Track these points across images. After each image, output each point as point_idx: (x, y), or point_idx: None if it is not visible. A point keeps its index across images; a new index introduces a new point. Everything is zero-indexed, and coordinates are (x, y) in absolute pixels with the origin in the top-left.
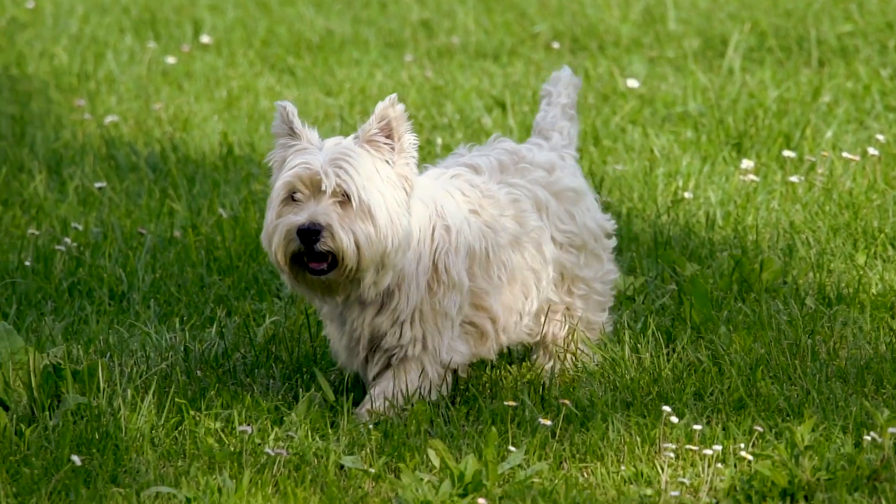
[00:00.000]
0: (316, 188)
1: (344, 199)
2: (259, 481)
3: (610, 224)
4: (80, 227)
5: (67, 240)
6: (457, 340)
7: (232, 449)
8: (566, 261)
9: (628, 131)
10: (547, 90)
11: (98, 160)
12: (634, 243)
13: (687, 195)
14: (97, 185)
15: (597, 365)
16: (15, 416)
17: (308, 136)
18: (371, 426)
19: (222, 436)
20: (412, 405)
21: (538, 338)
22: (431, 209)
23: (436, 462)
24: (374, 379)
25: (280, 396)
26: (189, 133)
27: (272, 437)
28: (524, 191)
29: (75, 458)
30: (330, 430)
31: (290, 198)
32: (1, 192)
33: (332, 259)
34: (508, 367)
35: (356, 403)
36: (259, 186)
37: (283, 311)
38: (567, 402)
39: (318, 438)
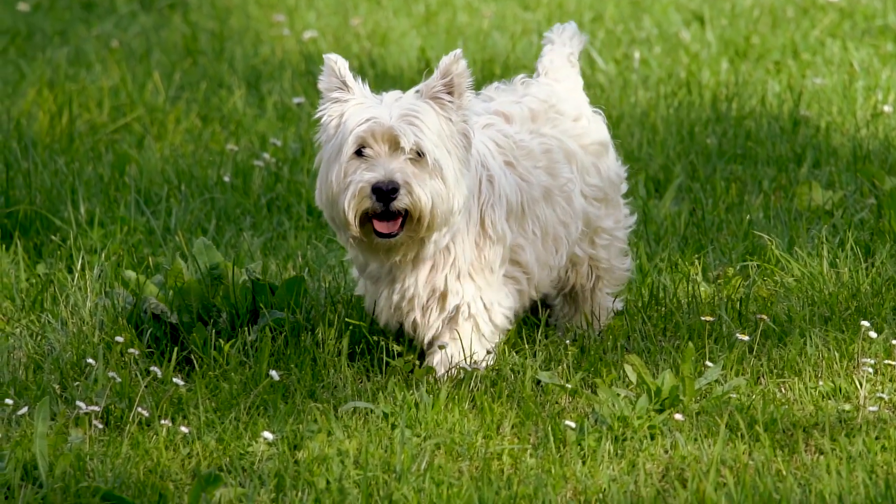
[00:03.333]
0: (390, 144)
1: (416, 157)
2: (456, 396)
3: (623, 171)
4: (279, 143)
5: (266, 155)
6: (500, 294)
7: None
8: (591, 213)
9: (827, 45)
10: (549, 38)
11: (296, 76)
12: (833, 157)
13: (886, 109)
14: (295, 100)
15: (617, 311)
16: (214, 330)
17: (362, 89)
18: (568, 342)
19: None
20: (476, 366)
21: (563, 289)
22: (476, 160)
23: (632, 377)
24: (431, 340)
25: None
26: (387, 48)
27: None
28: (555, 142)
29: (273, 374)
30: (526, 346)
31: (357, 154)
32: (201, 107)
33: (402, 221)
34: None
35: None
36: None
37: None
38: (765, 317)
39: (514, 354)
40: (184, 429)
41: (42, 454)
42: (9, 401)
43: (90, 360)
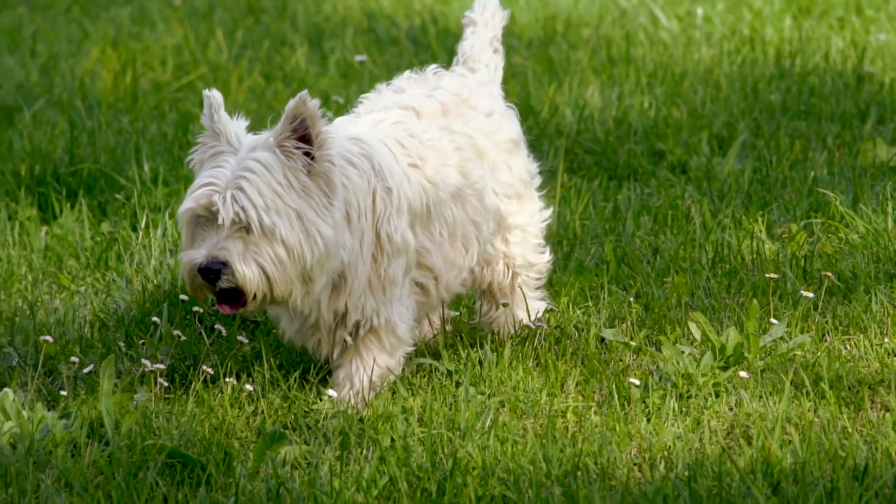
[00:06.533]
0: (216, 215)
1: (247, 224)
2: (520, 354)
3: (534, 167)
4: (342, 101)
5: (330, 113)
6: (401, 307)
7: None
8: (503, 210)
9: (892, 0)
10: (471, 18)
11: (359, 33)
12: None
13: None
14: (357, 58)
15: (548, 311)
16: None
17: (229, 134)
18: (631, 299)
19: None
20: (379, 384)
21: (480, 287)
22: (369, 173)
23: (697, 335)
24: (337, 359)
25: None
26: (449, 6)
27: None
28: (466, 139)
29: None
30: (591, 303)
31: (198, 218)
32: (264, 65)
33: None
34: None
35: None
36: (519, 60)
37: (544, 185)
38: (829, 273)
39: (578, 311)
40: (248, 387)
41: (108, 412)
42: (74, 359)
43: (155, 319)
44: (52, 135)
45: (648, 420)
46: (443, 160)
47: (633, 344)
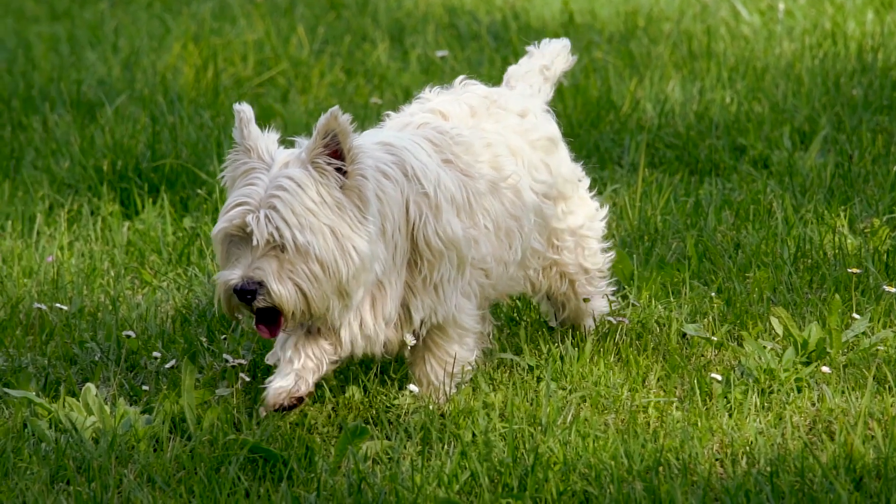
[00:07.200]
0: (251, 235)
1: (282, 243)
2: (601, 349)
3: (578, 168)
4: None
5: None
6: (459, 297)
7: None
8: (546, 212)
9: None
10: (531, 51)
11: (440, 29)
12: None
13: None
14: (439, 53)
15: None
16: None
17: (260, 149)
18: (713, 294)
19: None
20: (458, 379)
21: (548, 294)
22: (402, 182)
23: (779, 330)
24: (409, 357)
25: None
26: (530, 1)
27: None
28: (496, 136)
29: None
30: (672, 298)
31: (231, 237)
32: (345, 61)
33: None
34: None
35: None
36: (599, 55)
37: (625, 179)
38: None
39: (660, 306)
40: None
41: (190, 407)
42: (157, 354)
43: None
44: (133, 130)
45: (730, 415)
46: (474, 156)
47: (715, 339)
